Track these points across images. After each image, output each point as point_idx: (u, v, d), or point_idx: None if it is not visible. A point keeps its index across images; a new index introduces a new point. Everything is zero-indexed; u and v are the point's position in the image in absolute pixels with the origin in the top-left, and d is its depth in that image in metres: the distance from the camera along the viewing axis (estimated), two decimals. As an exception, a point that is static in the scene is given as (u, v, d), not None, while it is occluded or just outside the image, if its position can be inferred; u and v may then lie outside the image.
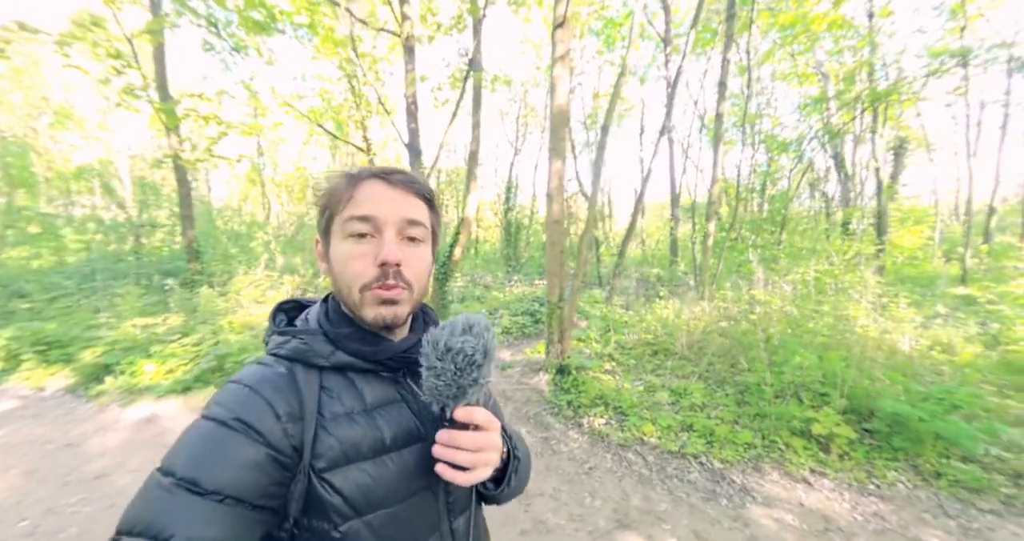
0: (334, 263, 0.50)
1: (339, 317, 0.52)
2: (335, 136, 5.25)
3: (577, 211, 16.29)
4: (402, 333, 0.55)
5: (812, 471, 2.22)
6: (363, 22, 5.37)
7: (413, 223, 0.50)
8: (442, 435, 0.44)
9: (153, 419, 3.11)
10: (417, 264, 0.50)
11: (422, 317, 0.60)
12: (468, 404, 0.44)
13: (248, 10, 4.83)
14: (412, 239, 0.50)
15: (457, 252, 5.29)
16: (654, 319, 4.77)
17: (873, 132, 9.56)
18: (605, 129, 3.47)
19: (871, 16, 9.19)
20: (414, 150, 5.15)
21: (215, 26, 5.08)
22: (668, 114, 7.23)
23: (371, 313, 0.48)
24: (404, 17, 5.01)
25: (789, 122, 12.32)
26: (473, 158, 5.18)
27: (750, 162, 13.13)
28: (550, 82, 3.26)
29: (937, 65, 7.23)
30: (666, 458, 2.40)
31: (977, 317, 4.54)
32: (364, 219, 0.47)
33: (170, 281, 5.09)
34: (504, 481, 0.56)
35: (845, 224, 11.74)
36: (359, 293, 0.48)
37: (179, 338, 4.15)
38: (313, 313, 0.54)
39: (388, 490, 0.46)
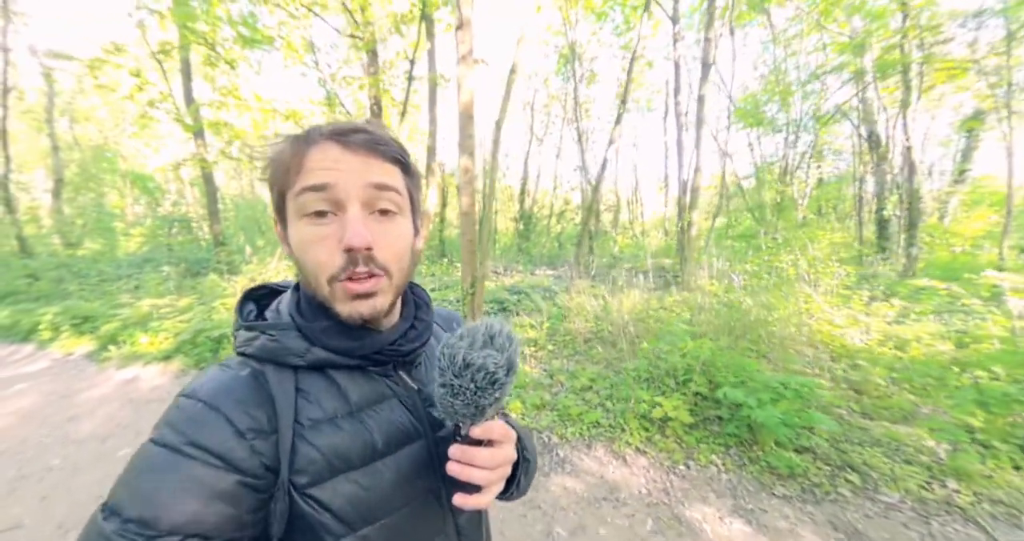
0: (294, 249, 0.42)
1: (312, 309, 0.45)
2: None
3: (586, 201, 15.99)
4: (390, 320, 0.48)
5: (637, 450, 2.32)
6: (336, 30, 5.79)
7: (382, 188, 0.41)
8: (455, 451, 0.40)
9: (134, 379, 3.80)
10: (393, 243, 0.42)
11: (412, 300, 0.53)
12: (486, 420, 0.40)
13: (237, 27, 5.45)
14: (384, 211, 0.42)
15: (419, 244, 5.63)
16: (596, 307, 4.83)
17: (905, 106, 8.53)
18: (498, 125, 3.60)
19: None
20: (377, 148, 5.54)
21: (211, 45, 5.75)
22: (675, 97, 6.98)
23: (345, 309, 0.42)
24: (366, 23, 5.35)
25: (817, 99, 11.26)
26: (431, 153, 5.47)
27: (762, 145, 12.19)
28: (457, 80, 3.45)
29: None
30: (513, 431, 2.60)
31: (947, 310, 4.12)
32: (318, 189, 0.39)
33: (167, 268, 5.95)
34: (514, 483, 0.52)
35: (879, 210, 10.74)
36: (328, 286, 0.41)
37: (176, 315, 4.92)
38: (285, 303, 0.47)
39: (384, 499, 0.42)
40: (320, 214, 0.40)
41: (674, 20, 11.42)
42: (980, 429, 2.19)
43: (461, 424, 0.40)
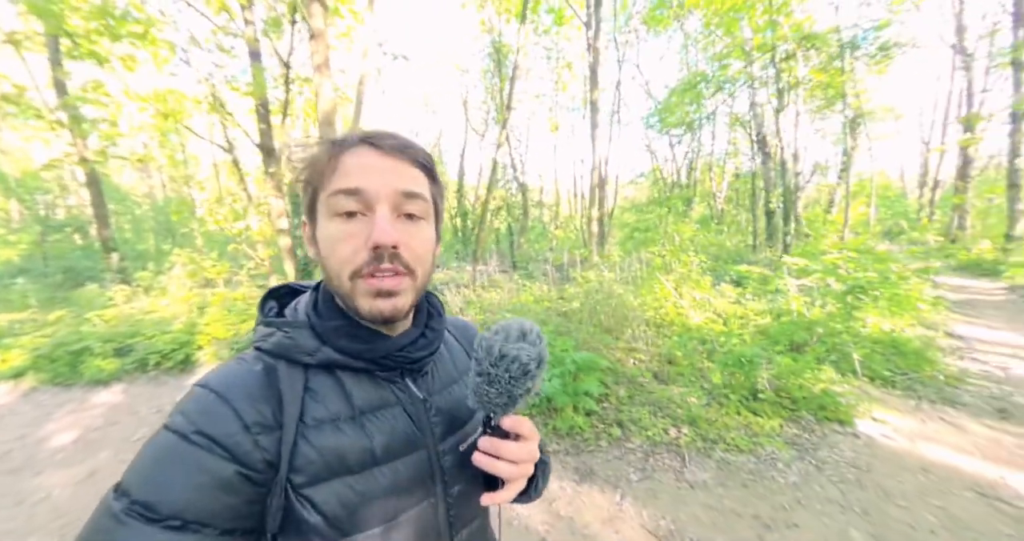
0: (321, 247, 0.44)
1: (329, 308, 0.46)
2: (197, 135, 5.55)
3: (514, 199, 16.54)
4: (403, 326, 0.49)
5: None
6: (217, 26, 5.59)
7: (411, 196, 0.43)
8: (484, 443, 0.41)
9: (-26, 400, 3.57)
10: (418, 245, 0.44)
11: (426, 307, 0.54)
12: (516, 413, 0.42)
13: (103, 18, 5.11)
14: (410, 215, 0.44)
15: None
16: (487, 300, 5.19)
17: (778, 111, 9.71)
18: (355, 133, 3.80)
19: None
20: (266, 149, 5.47)
21: (71, 36, 5.33)
22: (590, 101, 7.40)
23: (366, 305, 0.42)
24: (247, 22, 5.25)
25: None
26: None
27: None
28: (314, 89, 3.56)
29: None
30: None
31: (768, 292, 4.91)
32: (351, 193, 0.41)
33: (20, 280, 5.51)
34: (533, 484, 0.52)
35: (766, 203, 12.01)
36: (349, 281, 0.42)
37: (37, 330, 4.60)
38: (303, 302, 0.48)
39: (377, 507, 0.41)
40: (350, 214, 0.41)
41: (588, 25, 12.03)
42: (724, 385, 2.76)
43: (493, 414, 0.42)
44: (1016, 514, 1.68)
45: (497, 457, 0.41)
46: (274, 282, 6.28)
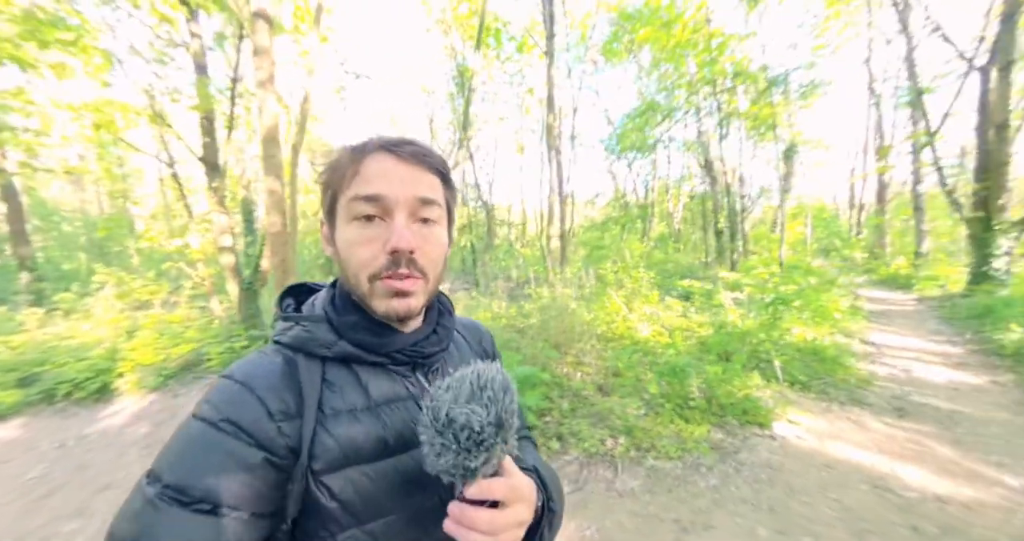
0: (340, 249, 0.46)
1: (345, 304, 0.49)
2: (135, 148, 5.27)
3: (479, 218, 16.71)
4: (415, 323, 0.51)
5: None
6: (159, 36, 5.42)
7: (427, 202, 0.46)
8: (453, 509, 0.38)
9: None
10: (432, 249, 0.47)
11: (437, 306, 0.56)
12: (484, 477, 0.37)
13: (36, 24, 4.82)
14: (426, 220, 0.46)
15: (264, 263, 5.41)
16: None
17: (721, 139, 10.57)
18: (295, 149, 3.79)
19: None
20: (209, 163, 5.27)
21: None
22: (547, 125, 7.69)
23: (382, 305, 0.45)
24: (193, 35, 5.14)
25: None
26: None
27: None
28: (258, 106, 3.52)
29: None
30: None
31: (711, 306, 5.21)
32: (371, 199, 0.43)
33: None
34: (536, 537, 0.48)
35: (715, 223, 12.79)
36: (368, 283, 0.45)
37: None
38: (320, 298, 0.51)
39: (390, 496, 0.43)
40: (369, 218, 0.44)
41: (548, 54, 12.65)
42: (660, 394, 2.87)
43: (455, 483, 0.38)
44: (902, 503, 1.84)
45: (470, 528, 0.37)
46: (215, 304, 5.94)
